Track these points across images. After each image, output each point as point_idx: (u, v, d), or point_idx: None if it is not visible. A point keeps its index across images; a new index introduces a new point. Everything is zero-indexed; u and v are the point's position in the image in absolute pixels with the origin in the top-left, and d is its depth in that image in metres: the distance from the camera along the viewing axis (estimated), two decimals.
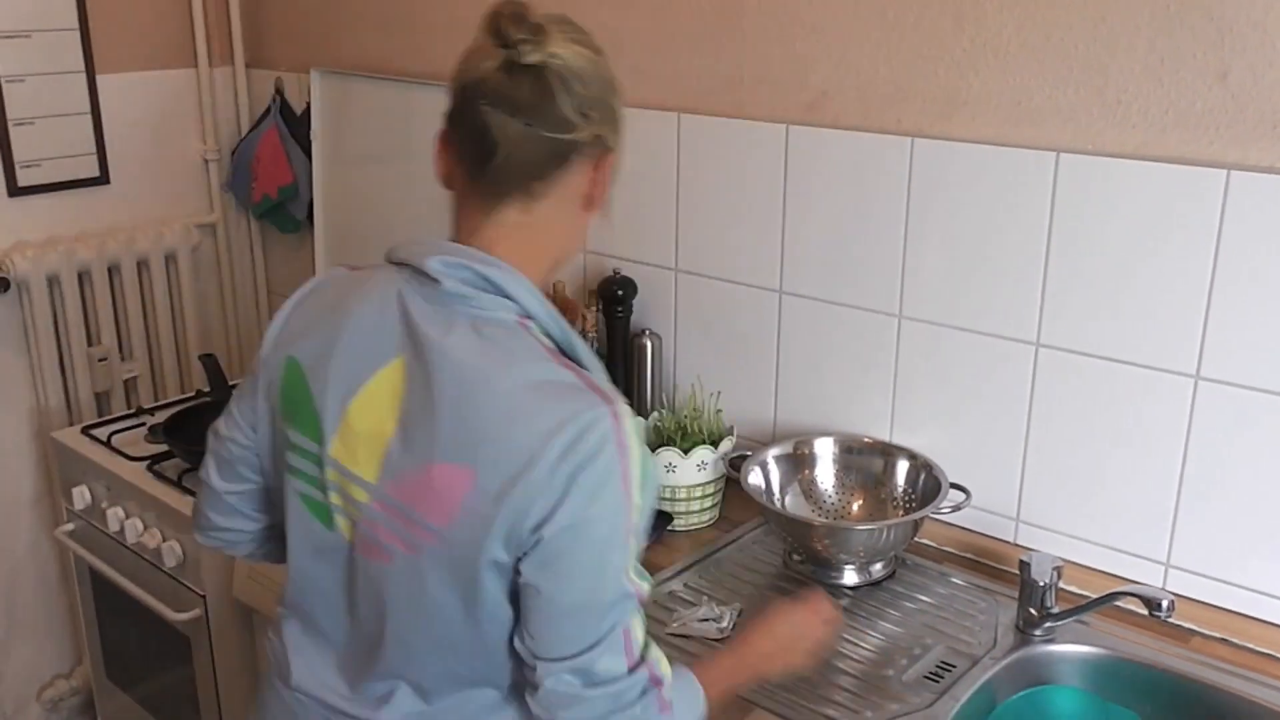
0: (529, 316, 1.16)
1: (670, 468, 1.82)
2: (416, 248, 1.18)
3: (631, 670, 1.14)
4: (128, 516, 2.24)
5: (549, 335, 1.17)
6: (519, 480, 1.08)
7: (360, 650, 1.24)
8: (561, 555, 1.10)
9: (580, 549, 1.10)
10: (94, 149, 2.63)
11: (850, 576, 1.70)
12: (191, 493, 2.02)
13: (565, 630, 1.12)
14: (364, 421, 1.15)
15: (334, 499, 1.18)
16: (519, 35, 1.13)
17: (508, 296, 1.15)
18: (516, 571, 1.12)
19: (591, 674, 1.12)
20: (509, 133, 1.14)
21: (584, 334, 1.98)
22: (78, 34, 2.56)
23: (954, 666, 1.51)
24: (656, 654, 1.18)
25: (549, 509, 1.08)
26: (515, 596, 1.14)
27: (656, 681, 1.16)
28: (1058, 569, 1.56)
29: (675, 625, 1.59)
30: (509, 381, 1.10)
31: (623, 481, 1.10)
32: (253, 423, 1.29)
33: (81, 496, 2.35)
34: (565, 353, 1.17)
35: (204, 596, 2.14)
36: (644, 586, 1.14)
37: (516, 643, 1.15)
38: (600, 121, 1.17)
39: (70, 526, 2.44)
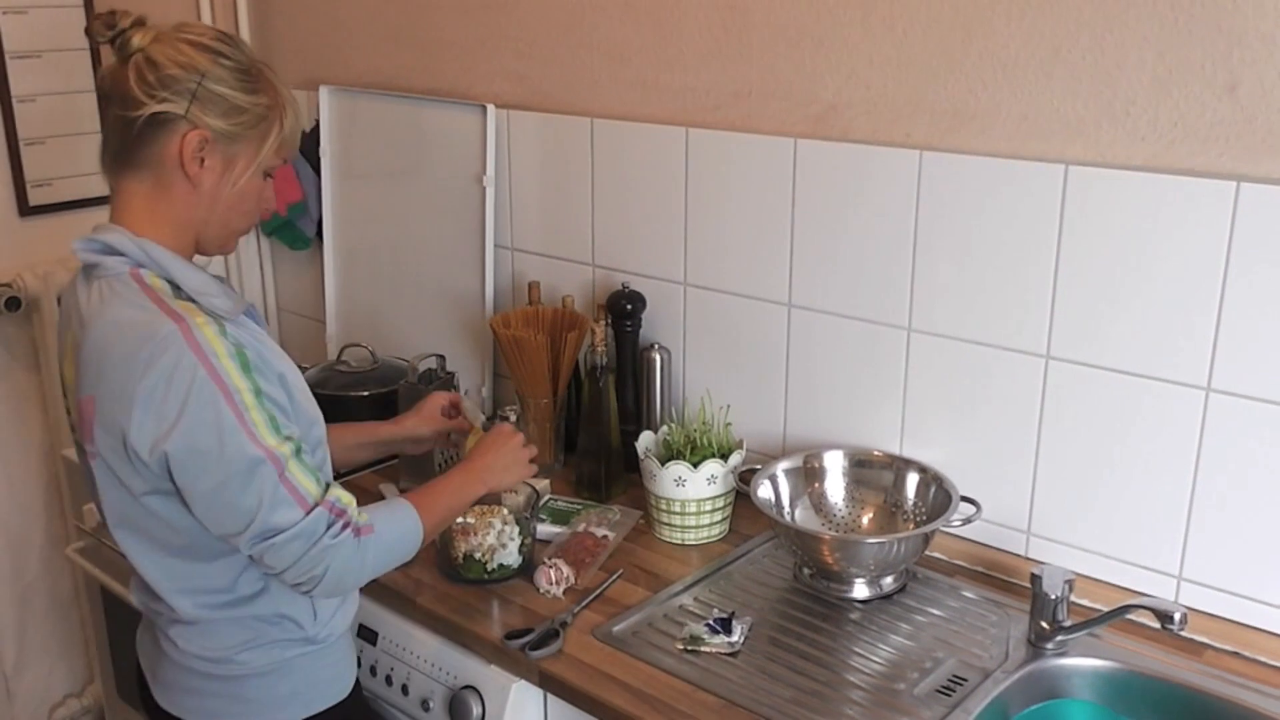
0: (139, 265, 1.39)
1: (680, 481, 1.82)
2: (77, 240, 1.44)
3: (309, 512, 1.36)
4: None
5: (165, 278, 1.40)
6: (119, 400, 1.32)
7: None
8: (180, 458, 1.32)
9: (193, 446, 1.32)
10: None
11: (861, 590, 1.70)
12: None
13: (221, 511, 1.35)
14: (67, 376, 1.46)
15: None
16: (107, 36, 1.40)
17: (119, 253, 1.39)
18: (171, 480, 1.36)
19: (269, 529, 1.35)
20: (106, 118, 1.42)
21: (593, 348, 1.99)
22: (88, 53, 2.58)
23: (965, 680, 1.51)
24: (336, 492, 1.41)
25: (148, 423, 1.31)
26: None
27: (339, 512, 1.39)
28: (1069, 582, 1.55)
29: (685, 638, 1.59)
30: (102, 322, 1.36)
31: (211, 377, 1.31)
32: None
33: (92, 514, 2.35)
34: (180, 288, 1.40)
35: None
36: (285, 447, 1.35)
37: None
38: (171, 99, 1.37)
39: (81, 544, 2.45)
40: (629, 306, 2.07)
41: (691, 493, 1.83)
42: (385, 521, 1.46)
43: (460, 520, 1.73)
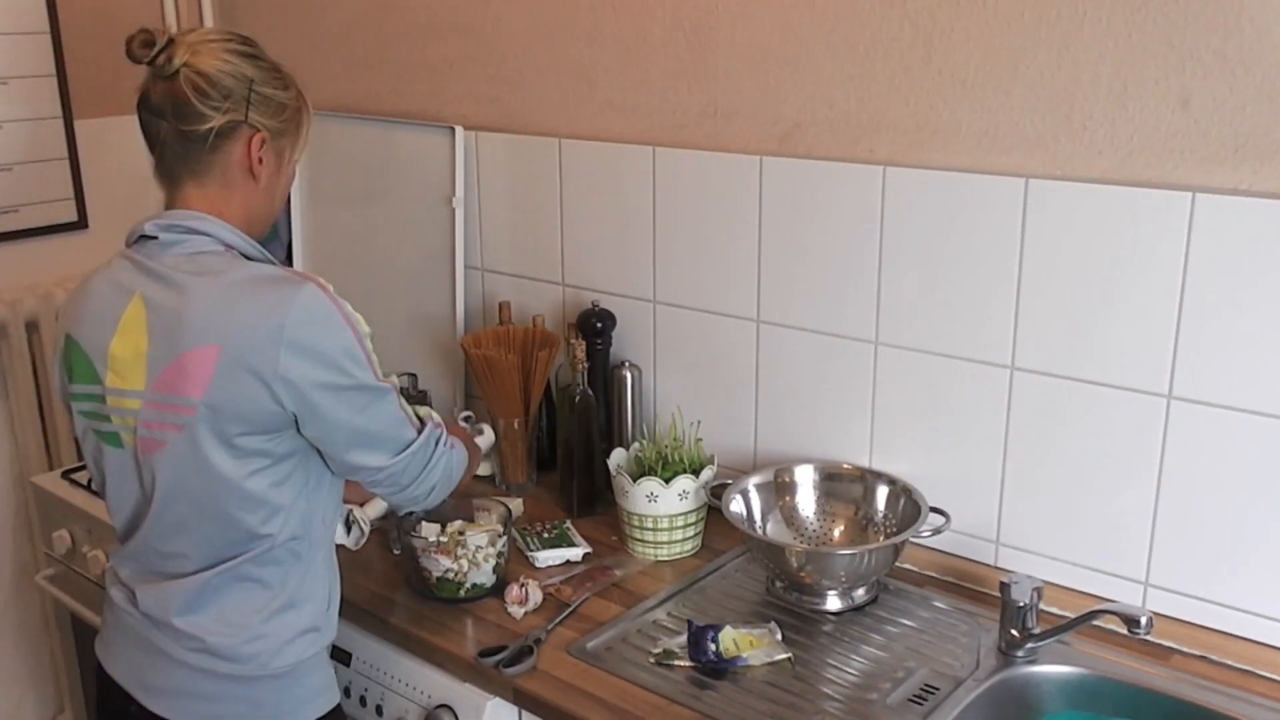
0: (229, 246, 1.49)
1: (652, 497, 1.83)
2: (138, 224, 1.51)
3: (420, 430, 1.53)
4: (109, 559, 2.23)
5: (247, 257, 1.50)
6: (259, 343, 1.39)
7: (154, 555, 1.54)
8: (320, 388, 1.41)
9: (327, 378, 1.41)
10: (72, 194, 2.64)
11: (833, 602, 1.71)
12: None
13: (363, 436, 1.46)
14: (124, 350, 1.45)
15: (116, 421, 1.48)
16: (148, 55, 1.46)
17: (206, 235, 1.48)
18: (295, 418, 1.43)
19: (402, 444, 1.50)
20: (158, 133, 1.50)
21: (573, 366, 2.00)
22: (55, 80, 2.57)
23: (937, 689, 1.52)
24: (426, 410, 1.57)
25: (293, 359, 1.39)
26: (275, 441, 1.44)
27: (438, 425, 1.57)
28: (1038, 590, 1.57)
29: (658, 652, 1.60)
30: (230, 278, 1.43)
31: (344, 320, 1.43)
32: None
33: (62, 541, 2.34)
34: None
35: None
36: (393, 379, 1.50)
37: (335, 469, 1.51)
38: (233, 109, 1.47)
39: (50, 572, 2.42)
40: (599, 325, 2.08)
41: (664, 509, 1.84)
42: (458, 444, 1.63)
43: (434, 539, 1.73)
